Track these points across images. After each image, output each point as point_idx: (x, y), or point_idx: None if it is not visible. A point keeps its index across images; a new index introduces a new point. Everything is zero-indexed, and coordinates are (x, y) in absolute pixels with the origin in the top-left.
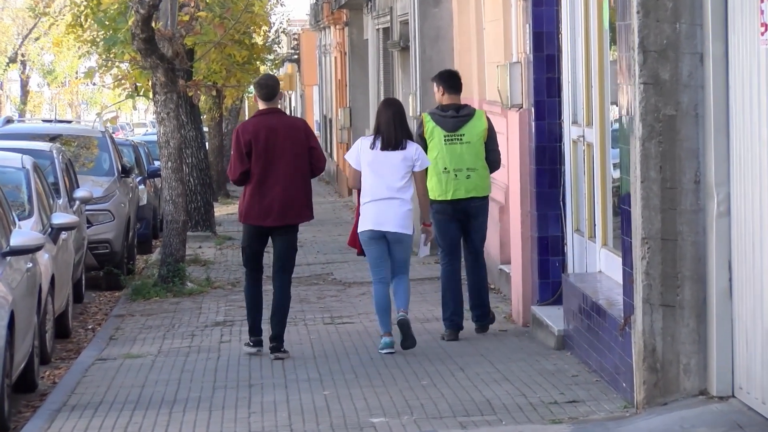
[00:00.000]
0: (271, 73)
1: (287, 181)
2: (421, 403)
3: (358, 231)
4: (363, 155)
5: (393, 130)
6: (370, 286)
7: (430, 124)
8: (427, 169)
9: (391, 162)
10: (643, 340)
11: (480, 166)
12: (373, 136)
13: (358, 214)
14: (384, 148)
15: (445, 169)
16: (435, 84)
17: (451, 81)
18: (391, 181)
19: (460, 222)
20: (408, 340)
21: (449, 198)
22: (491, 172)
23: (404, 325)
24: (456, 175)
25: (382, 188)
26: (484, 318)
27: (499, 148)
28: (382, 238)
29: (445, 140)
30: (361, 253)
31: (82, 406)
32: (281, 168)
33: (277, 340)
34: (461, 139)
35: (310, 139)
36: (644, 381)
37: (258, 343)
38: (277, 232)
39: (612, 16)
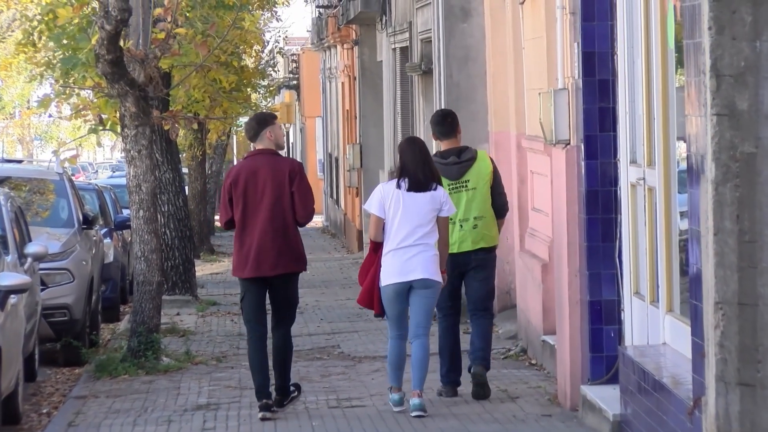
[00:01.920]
0: (263, 107)
1: (264, 228)
2: None
3: (382, 285)
4: (387, 200)
5: (421, 169)
6: (384, 361)
7: None
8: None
9: (418, 205)
10: (716, 426)
11: (488, 214)
12: (396, 178)
13: (370, 267)
14: (411, 189)
15: (450, 219)
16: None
17: (442, 126)
18: (417, 226)
19: (461, 275)
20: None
21: (455, 251)
22: (500, 217)
23: (420, 411)
24: (462, 226)
25: (407, 234)
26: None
27: (505, 191)
28: (407, 290)
29: (450, 189)
30: (380, 313)
31: None
32: (260, 214)
33: (280, 392)
34: (467, 186)
35: (294, 182)
36: None
37: (265, 408)
38: (272, 283)
39: (678, 33)
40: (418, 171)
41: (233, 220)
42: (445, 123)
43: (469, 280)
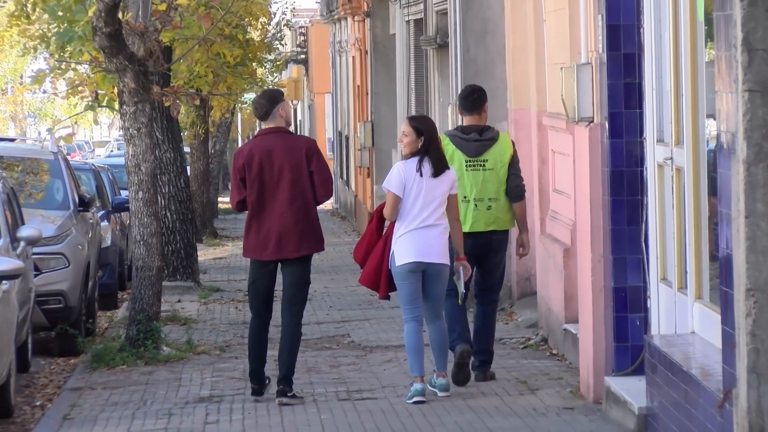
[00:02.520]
0: (269, 82)
1: (284, 210)
2: None
3: (397, 264)
4: (408, 181)
5: (440, 151)
6: (397, 351)
7: (450, 148)
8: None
9: (438, 187)
10: (747, 421)
11: (503, 197)
12: (419, 159)
13: (370, 245)
14: (436, 173)
15: (465, 197)
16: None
17: (468, 101)
18: (437, 206)
19: (475, 258)
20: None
21: (467, 230)
22: (515, 200)
23: (447, 392)
24: (476, 206)
25: (428, 215)
26: (486, 364)
27: (521, 175)
28: (421, 271)
29: (466, 166)
30: (385, 295)
31: None
32: (278, 195)
33: (284, 382)
34: (484, 166)
35: (312, 161)
36: None
37: (256, 392)
38: (284, 265)
39: (708, 5)
40: (439, 153)
41: (245, 201)
42: (471, 98)
43: (486, 262)
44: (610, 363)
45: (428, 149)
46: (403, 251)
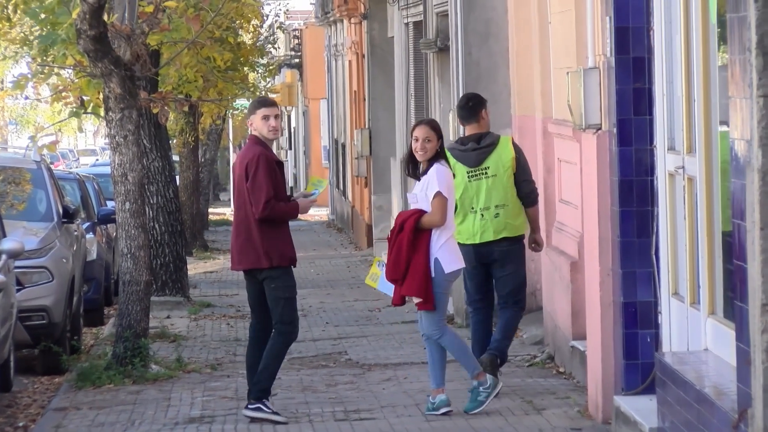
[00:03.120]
0: (262, 88)
1: (235, 223)
2: None
3: (447, 271)
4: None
5: None
6: (396, 369)
7: (451, 161)
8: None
9: None
10: None
11: (510, 202)
12: (445, 161)
13: (409, 255)
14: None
15: (472, 208)
16: None
17: (464, 110)
18: None
19: (486, 267)
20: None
21: (477, 241)
22: (529, 206)
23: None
24: (483, 215)
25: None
26: (495, 357)
27: (532, 178)
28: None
29: (468, 177)
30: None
31: None
32: (235, 208)
33: (250, 393)
34: (486, 173)
35: (249, 176)
36: None
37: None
38: (258, 279)
39: (721, 7)
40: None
41: None
42: (467, 107)
43: (497, 273)
44: (620, 381)
45: (444, 151)
46: (453, 257)
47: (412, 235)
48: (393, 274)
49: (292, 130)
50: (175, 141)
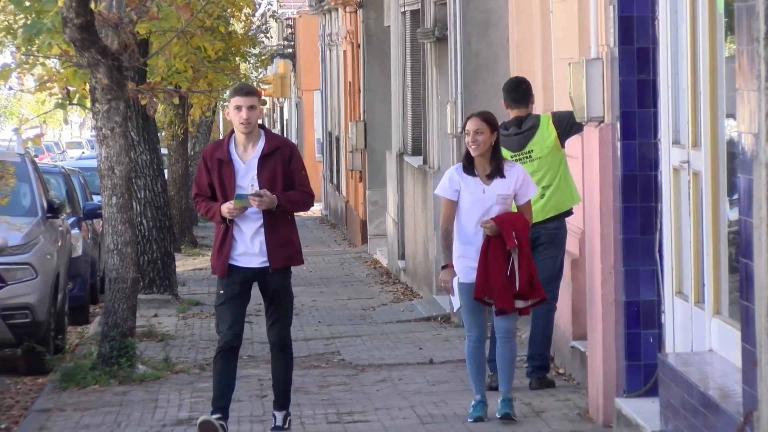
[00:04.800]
0: (254, 78)
1: None
2: None
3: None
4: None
5: None
6: (391, 370)
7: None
8: None
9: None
10: None
11: (556, 182)
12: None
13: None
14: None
15: None
16: None
17: (514, 93)
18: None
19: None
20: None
21: None
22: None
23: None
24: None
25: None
26: (541, 370)
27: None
28: None
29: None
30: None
31: None
32: None
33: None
34: (530, 156)
35: None
36: None
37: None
38: None
39: None
40: None
41: None
42: (520, 90)
43: (538, 256)
44: (622, 383)
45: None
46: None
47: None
48: (523, 289)
49: (285, 122)
50: (163, 133)
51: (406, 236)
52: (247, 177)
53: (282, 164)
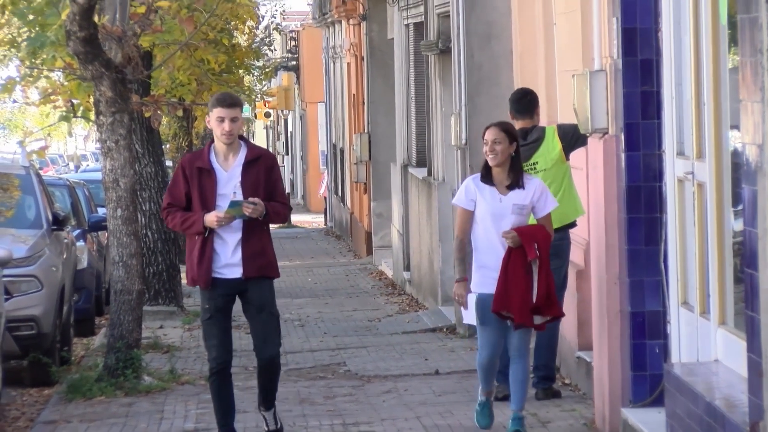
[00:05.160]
0: (257, 91)
1: None
2: None
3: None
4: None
5: None
6: (397, 381)
7: None
8: None
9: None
10: None
11: (561, 193)
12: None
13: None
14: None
15: None
16: None
17: (519, 104)
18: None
19: None
20: None
21: None
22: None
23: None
24: None
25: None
26: (547, 381)
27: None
28: None
29: None
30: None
31: None
32: None
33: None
34: (535, 168)
35: None
36: None
37: None
38: None
39: (732, 7)
40: None
41: None
42: (525, 100)
43: None
44: (627, 393)
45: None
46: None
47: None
48: (540, 302)
49: (289, 134)
50: (168, 146)
51: (411, 247)
52: (229, 185)
53: (265, 173)
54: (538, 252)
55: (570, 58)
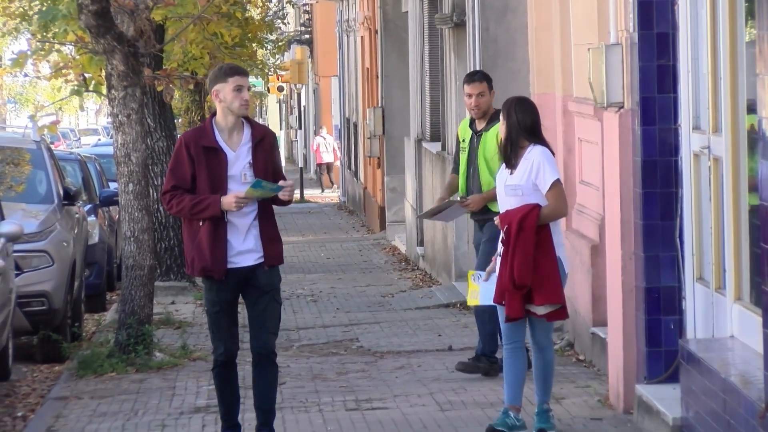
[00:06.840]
0: (271, 64)
1: None
2: None
3: (567, 271)
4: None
5: None
6: (410, 357)
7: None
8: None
9: None
10: None
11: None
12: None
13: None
14: None
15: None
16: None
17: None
18: None
19: None
20: None
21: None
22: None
23: None
24: None
25: None
26: (481, 358)
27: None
28: None
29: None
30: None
31: None
32: None
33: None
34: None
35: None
36: None
37: None
38: None
39: None
40: None
41: None
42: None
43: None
44: (642, 370)
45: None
46: (566, 255)
47: (535, 233)
48: (522, 280)
49: (302, 108)
50: (180, 120)
51: (425, 222)
52: (236, 165)
53: (270, 152)
54: (504, 236)
55: (586, 32)
